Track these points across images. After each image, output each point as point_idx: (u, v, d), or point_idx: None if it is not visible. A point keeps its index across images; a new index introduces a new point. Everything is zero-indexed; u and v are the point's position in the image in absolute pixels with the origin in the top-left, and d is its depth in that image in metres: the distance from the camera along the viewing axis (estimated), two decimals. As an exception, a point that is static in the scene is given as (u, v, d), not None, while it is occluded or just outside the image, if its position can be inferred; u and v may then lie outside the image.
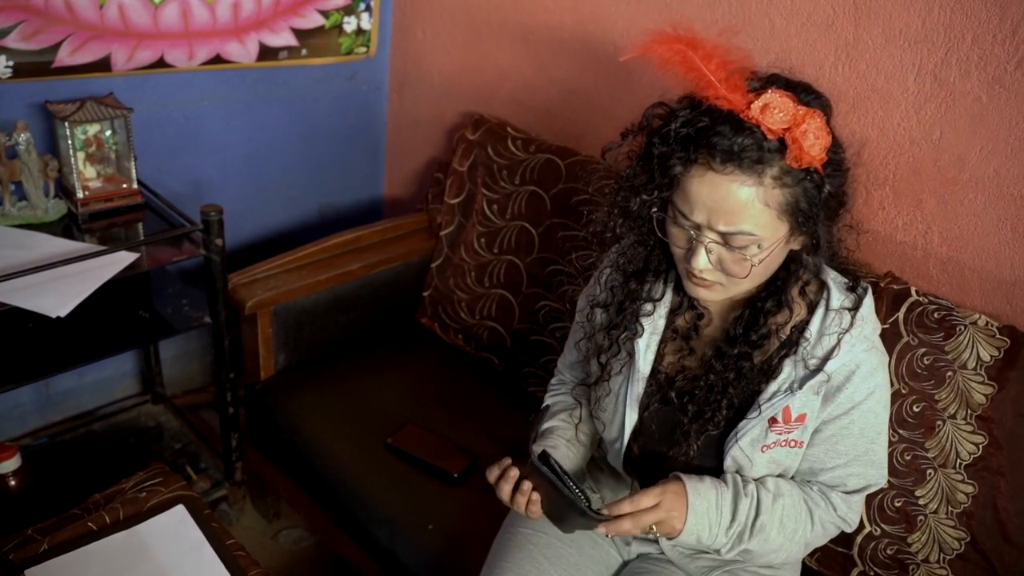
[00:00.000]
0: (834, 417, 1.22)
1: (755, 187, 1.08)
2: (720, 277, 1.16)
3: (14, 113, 1.81)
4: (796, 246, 1.18)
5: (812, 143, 1.07)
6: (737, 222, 1.09)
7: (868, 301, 1.22)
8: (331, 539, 1.85)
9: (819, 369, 1.19)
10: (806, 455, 1.24)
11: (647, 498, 1.18)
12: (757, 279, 1.18)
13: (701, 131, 1.09)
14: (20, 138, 1.75)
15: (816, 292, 1.23)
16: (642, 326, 1.29)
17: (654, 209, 1.18)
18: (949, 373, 1.39)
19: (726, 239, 1.12)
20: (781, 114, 1.06)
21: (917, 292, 1.45)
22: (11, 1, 1.69)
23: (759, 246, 1.12)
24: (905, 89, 1.49)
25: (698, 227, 1.13)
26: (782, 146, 1.07)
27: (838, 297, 1.21)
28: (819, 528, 1.26)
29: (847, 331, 1.19)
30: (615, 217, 1.24)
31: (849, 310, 1.20)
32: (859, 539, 1.46)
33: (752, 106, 1.07)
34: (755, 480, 1.24)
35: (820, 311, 1.21)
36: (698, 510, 1.19)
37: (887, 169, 1.55)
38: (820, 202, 1.11)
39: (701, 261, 1.13)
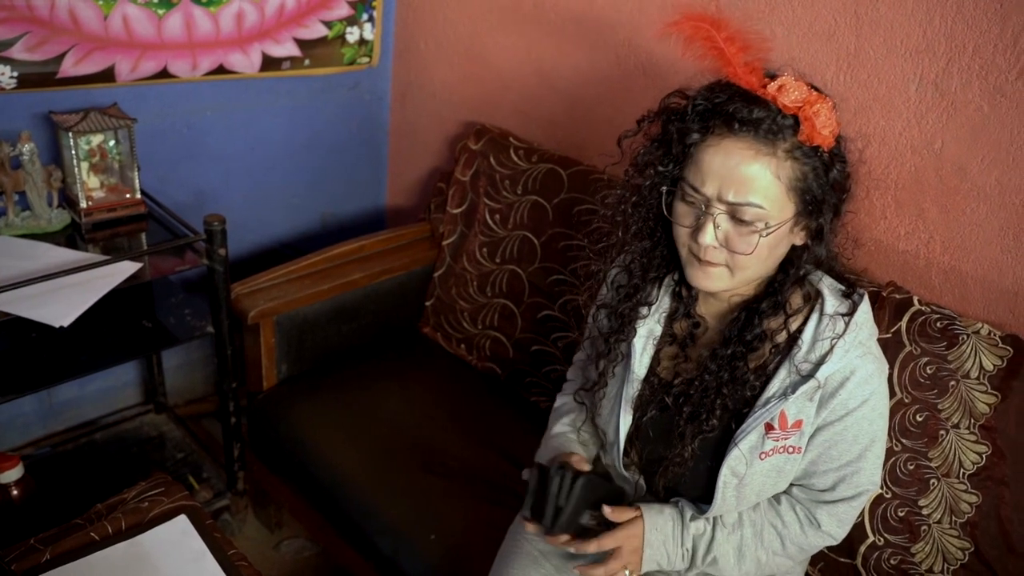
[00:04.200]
0: (828, 423, 1.22)
1: (768, 157, 1.11)
2: (725, 258, 1.17)
3: (18, 123, 1.81)
4: (798, 240, 1.19)
5: (824, 123, 1.11)
6: (747, 192, 1.12)
7: (864, 307, 1.23)
8: (334, 549, 1.85)
9: (811, 375, 1.19)
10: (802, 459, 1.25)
11: (608, 540, 1.25)
12: (762, 263, 1.18)
13: (718, 104, 1.14)
14: (24, 148, 1.76)
15: (812, 298, 1.24)
16: (635, 329, 1.30)
17: (663, 187, 1.20)
18: (952, 383, 1.39)
19: (735, 212, 1.13)
20: (796, 93, 1.12)
21: (919, 301, 1.45)
22: (16, 12, 1.70)
23: (766, 224, 1.13)
24: (907, 99, 1.49)
25: (708, 201, 1.14)
26: (795, 124, 1.12)
27: (832, 303, 1.22)
28: (793, 548, 1.29)
29: (840, 336, 1.19)
30: (627, 201, 1.27)
31: (843, 315, 1.21)
32: (863, 549, 1.46)
33: (768, 85, 1.13)
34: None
35: (815, 317, 1.22)
36: (653, 543, 1.25)
37: (889, 178, 1.55)
38: (827, 185, 1.15)
39: (708, 236, 1.15)
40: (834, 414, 1.21)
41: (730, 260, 1.17)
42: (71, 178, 1.82)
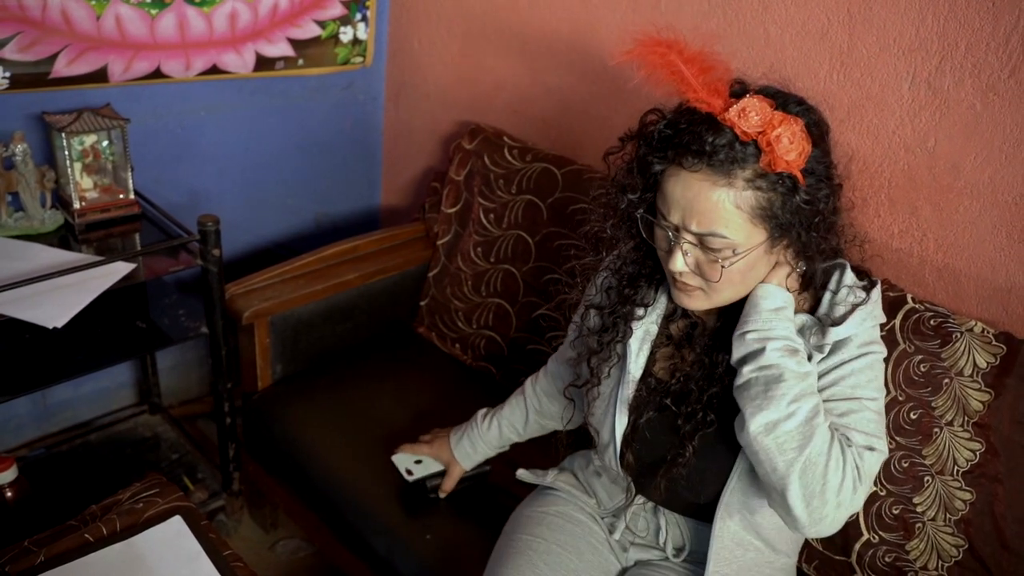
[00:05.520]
0: (830, 369, 1.18)
1: (726, 188, 1.09)
2: (699, 282, 1.17)
3: (11, 124, 1.81)
4: (783, 258, 1.18)
5: (786, 148, 1.07)
6: (709, 224, 1.10)
7: (878, 289, 1.23)
8: (329, 549, 1.85)
9: (824, 333, 1.18)
10: None
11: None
12: (736, 286, 1.18)
13: (679, 131, 1.11)
14: (17, 149, 1.75)
15: (821, 284, 1.22)
16: (631, 329, 1.29)
17: (640, 211, 1.20)
18: (946, 380, 1.39)
19: (701, 241, 1.13)
20: (756, 117, 1.08)
21: (913, 299, 1.45)
22: (8, 12, 1.69)
23: (734, 251, 1.12)
24: (900, 97, 1.50)
25: (676, 229, 1.14)
26: (757, 150, 1.08)
27: (852, 279, 1.21)
28: (836, 454, 1.11)
29: (862, 304, 1.18)
30: (609, 218, 1.26)
31: (863, 288, 1.21)
32: (857, 546, 1.46)
33: (730, 109, 1.09)
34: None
35: (828, 294, 1.21)
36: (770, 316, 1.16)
37: (882, 177, 1.55)
38: (794, 209, 1.11)
39: (678, 263, 1.15)
40: (829, 365, 1.18)
41: (703, 284, 1.17)
42: (64, 179, 1.82)
